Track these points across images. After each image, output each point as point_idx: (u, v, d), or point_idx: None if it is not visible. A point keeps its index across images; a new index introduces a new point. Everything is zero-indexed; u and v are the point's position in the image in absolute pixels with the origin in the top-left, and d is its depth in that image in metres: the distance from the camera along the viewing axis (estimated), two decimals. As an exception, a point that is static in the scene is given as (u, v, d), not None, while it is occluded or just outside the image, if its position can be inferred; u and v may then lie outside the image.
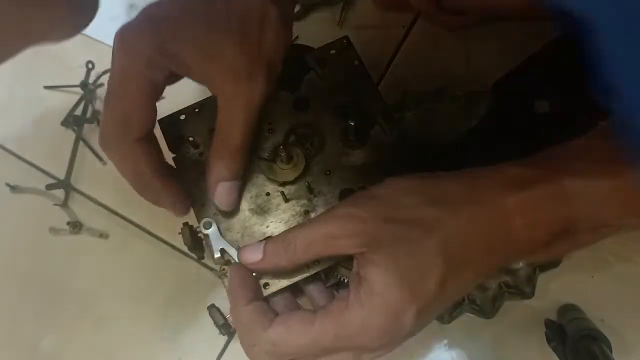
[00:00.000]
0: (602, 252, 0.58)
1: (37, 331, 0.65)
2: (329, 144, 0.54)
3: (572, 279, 0.58)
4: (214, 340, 0.62)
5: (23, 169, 0.70)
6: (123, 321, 0.64)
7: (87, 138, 0.70)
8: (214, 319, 0.59)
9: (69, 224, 0.67)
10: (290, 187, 0.53)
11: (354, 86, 0.55)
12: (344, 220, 0.42)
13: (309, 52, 0.57)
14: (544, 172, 0.43)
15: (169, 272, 0.65)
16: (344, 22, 0.69)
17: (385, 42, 0.68)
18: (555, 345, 0.52)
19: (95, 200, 0.68)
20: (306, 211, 0.52)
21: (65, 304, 0.65)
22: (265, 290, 0.50)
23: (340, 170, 0.53)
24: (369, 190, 0.45)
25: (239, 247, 0.50)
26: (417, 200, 0.42)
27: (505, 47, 0.66)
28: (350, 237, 0.41)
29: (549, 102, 0.58)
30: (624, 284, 0.58)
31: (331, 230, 0.42)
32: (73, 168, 0.69)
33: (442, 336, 0.59)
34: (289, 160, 0.52)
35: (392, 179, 0.44)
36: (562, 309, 0.57)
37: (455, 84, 0.61)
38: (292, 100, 0.55)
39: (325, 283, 0.53)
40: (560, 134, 0.57)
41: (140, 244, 0.66)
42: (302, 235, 0.44)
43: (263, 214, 0.52)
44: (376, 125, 0.54)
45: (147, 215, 0.67)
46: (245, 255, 0.46)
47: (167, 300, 0.64)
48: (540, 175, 0.43)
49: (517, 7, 0.59)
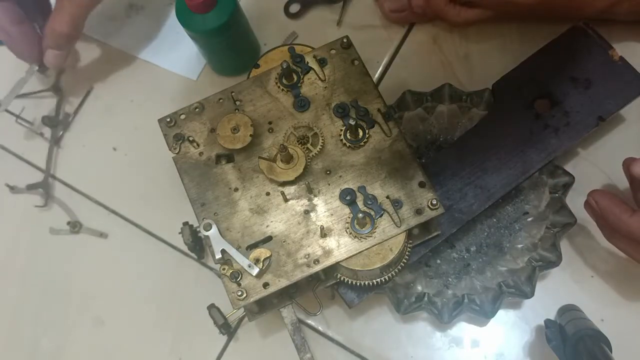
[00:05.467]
0: (602, 252, 0.58)
1: (37, 331, 0.65)
2: (329, 144, 0.54)
3: (572, 279, 0.58)
4: (214, 340, 0.62)
5: (23, 169, 0.70)
6: (123, 321, 0.64)
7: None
8: (214, 319, 0.59)
9: (69, 223, 0.67)
10: (290, 187, 0.53)
11: (354, 86, 0.55)
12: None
13: (309, 52, 0.57)
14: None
15: (169, 272, 0.65)
16: (343, 22, 0.69)
17: (385, 42, 0.68)
18: (555, 345, 0.52)
19: (95, 200, 0.68)
20: (306, 211, 0.52)
21: (65, 303, 0.65)
22: (265, 290, 0.50)
23: (340, 170, 0.53)
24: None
25: (238, 246, 0.50)
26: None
27: (505, 47, 0.66)
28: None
29: (549, 101, 0.58)
30: (624, 284, 0.58)
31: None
32: (50, 169, 0.69)
33: (442, 336, 0.59)
34: (289, 160, 0.52)
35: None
36: (562, 309, 0.57)
37: (455, 84, 0.61)
38: (292, 100, 0.55)
39: (325, 283, 0.54)
40: (560, 133, 0.57)
41: (140, 244, 0.66)
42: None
43: (263, 214, 0.52)
44: (376, 125, 0.54)
45: (147, 215, 0.67)
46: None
47: (167, 300, 0.64)
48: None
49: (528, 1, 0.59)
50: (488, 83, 0.60)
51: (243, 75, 0.63)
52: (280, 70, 0.55)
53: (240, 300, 0.50)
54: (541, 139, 0.57)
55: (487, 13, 0.61)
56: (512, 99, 0.59)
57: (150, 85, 0.71)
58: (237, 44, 0.64)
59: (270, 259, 0.50)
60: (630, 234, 0.51)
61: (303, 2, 0.70)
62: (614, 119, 0.60)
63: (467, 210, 0.56)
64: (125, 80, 0.71)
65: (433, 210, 0.51)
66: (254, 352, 0.62)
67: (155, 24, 0.72)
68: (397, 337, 0.59)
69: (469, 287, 0.57)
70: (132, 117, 0.70)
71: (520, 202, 0.59)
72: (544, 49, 0.60)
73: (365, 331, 0.60)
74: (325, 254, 0.50)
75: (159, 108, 0.58)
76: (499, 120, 0.59)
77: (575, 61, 0.59)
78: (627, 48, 0.61)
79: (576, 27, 0.60)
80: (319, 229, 0.51)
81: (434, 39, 0.68)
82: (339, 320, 0.61)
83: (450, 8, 0.62)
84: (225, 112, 0.55)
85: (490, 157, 0.57)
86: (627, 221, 0.51)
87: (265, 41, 0.69)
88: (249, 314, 0.54)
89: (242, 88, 0.56)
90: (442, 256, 0.59)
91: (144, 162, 0.68)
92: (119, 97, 0.71)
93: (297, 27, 0.70)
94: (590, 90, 0.58)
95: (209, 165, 0.54)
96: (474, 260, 0.58)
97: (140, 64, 0.71)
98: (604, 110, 0.57)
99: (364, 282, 0.52)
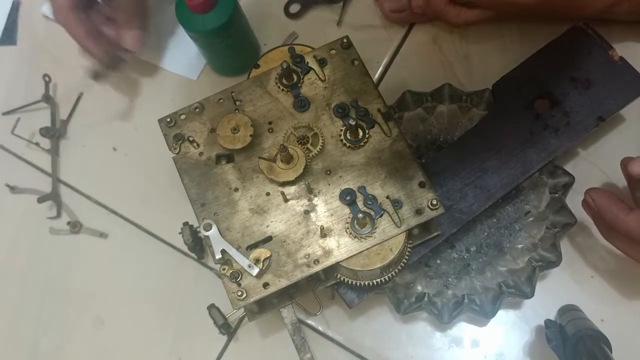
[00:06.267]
0: (602, 252, 0.58)
1: (37, 331, 0.65)
2: (329, 144, 0.54)
3: (572, 279, 0.58)
4: (214, 340, 0.62)
5: (23, 169, 0.70)
6: (123, 321, 0.64)
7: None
8: (214, 319, 0.59)
9: (69, 223, 0.67)
10: (290, 187, 0.53)
11: (354, 86, 0.55)
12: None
13: (309, 52, 0.57)
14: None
15: (169, 272, 0.65)
16: (343, 22, 0.69)
17: (385, 42, 0.68)
18: (555, 345, 0.52)
19: (95, 200, 0.68)
20: (306, 211, 0.52)
21: (65, 303, 0.65)
22: (265, 290, 0.50)
23: (340, 170, 0.53)
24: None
25: (238, 246, 0.50)
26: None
27: (505, 47, 0.66)
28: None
29: (549, 101, 0.58)
30: (624, 284, 0.58)
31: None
32: (58, 180, 0.69)
33: (442, 336, 0.59)
34: (289, 160, 0.52)
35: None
36: (562, 309, 0.57)
37: (455, 84, 0.61)
38: (292, 101, 0.55)
39: (325, 283, 0.54)
40: (560, 133, 0.57)
41: (140, 244, 0.66)
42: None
43: (263, 214, 0.52)
44: (376, 125, 0.54)
45: (147, 215, 0.67)
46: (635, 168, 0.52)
47: (167, 300, 0.64)
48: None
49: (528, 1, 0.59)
50: (488, 83, 0.60)
51: (243, 76, 0.63)
52: (280, 71, 0.55)
53: (240, 300, 0.50)
54: (541, 139, 0.57)
55: (487, 13, 0.61)
56: (512, 99, 0.59)
57: (150, 85, 0.71)
58: (237, 44, 0.64)
59: (270, 259, 0.50)
60: (628, 233, 0.51)
61: (303, 2, 0.70)
62: (614, 119, 0.60)
63: (467, 210, 0.56)
64: (126, 80, 0.71)
65: (433, 210, 0.51)
66: (254, 352, 0.62)
67: (155, 24, 0.72)
68: (397, 337, 0.59)
69: (469, 287, 0.57)
70: (132, 117, 0.70)
71: (521, 202, 0.59)
72: (544, 49, 0.60)
73: (365, 331, 0.60)
74: (325, 254, 0.50)
75: (159, 108, 0.58)
76: (499, 121, 0.59)
77: (575, 61, 0.59)
78: (627, 48, 0.61)
79: (576, 27, 0.60)
80: (319, 229, 0.51)
81: (434, 39, 0.68)
82: (339, 320, 0.61)
83: (450, 8, 0.62)
84: (225, 112, 0.55)
85: (490, 157, 0.57)
86: (624, 219, 0.50)
87: (265, 41, 0.69)
88: (249, 314, 0.54)
89: (242, 88, 0.56)
90: (442, 256, 0.59)
91: (144, 162, 0.68)
92: (118, 97, 0.71)
93: (297, 27, 0.70)
94: (590, 90, 0.58)
95: (209, 165, 0.54)
96: (474, 260, 0.58)
97: (140, 64, 0.71)
98: (604, 110, 0.57)
99: (364, 282, 0.52)
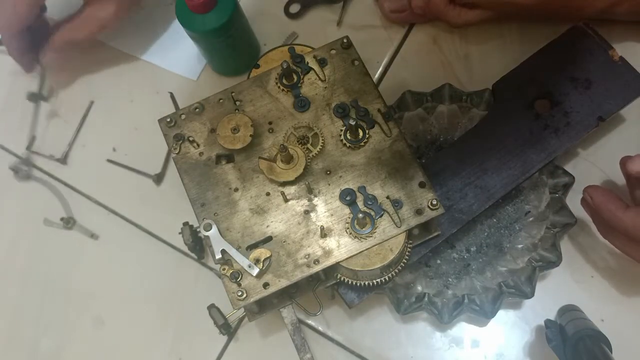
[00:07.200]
0: (602, 252, 0.58)
1: (37, 331, 0.65)
2: (329, 144, 0.54)
3: (572, 278, 0.58)
4: (214, 340, 0.62)
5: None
6: (123, 321, 0.64)
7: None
8: (214, 319, 0.59)
9: (62, 219, 0.67)
10: (290, 187, 0.53)
11: (354, 86, 0.55)
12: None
13: (309, 52, 0.57)
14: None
15: (169, 272, 0.65)
16: (343, 22, 0.69)
17: (385, 42, 0.68)
18: (555, 345, 0.52)
19: (95, 200, 0.68)
20: (306, 211, 0.52)
21: (65, 303, 0.65)
22: (265, 290, 0.50)
23: (340, 170, 0.53)
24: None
25: (238, 246, 0.50)
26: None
27: (505, 47, 0.66)
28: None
29: (549, 102, 0.58)
30: (624, 284, 0.58)
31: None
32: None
33: (442, 336, 0.59)
34: (289, 160, 0.52)
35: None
36: (562, 309, 0.57)
37: (455, 84, 0.61)
38: (292, 101, 0.55)
39: (325, 283, 0.54)
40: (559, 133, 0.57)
41: (140, 244, 0.66)
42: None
43: (263, 214, 0.52)
44: (376, 126, 0.54)
45: (147, 215, 0.67)
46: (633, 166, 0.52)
47: (167, 300, 0.64)
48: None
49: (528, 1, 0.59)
50: (488, 83, 0.60)
51: (243, 76, 0.64)
52: (281, 71, 0.55)
53: (240, 301, 0.50)
54: (541, 139, 0.57)
55: (487, 14, 0.61)
56: (512, 99, 0.59)
57: (150, 85, 0.71)
58: (237, 44, 0.64)
59: (270, 259, 0.50)
60: (625, 231, 0.51)
61: (303, 2, 0.70)
62: (614, 119, 0.60)
63: (467, 210, 0.56)
64: (125, 80, 0.71)
65: (433, 210, 0.51)
66: (254, 352, 0.62)
67: (155, 24, 0.72)
68: (397, 337, 0.59)
69: (469, 287, 0.57)
70: (132, 117, 0.70)
71: (521, 202, 0.59)
72: (544, 49, 0.60)
73: (365, 331, 0.60)
74: (326, 254, 0.50)
75: (159, 108, 0.58)
76: (499, 121, 0.59)
77: (575, 61, 0.59)
78: (627, 48, 0.61)
79: (576, 27, 0.60)
80: (319, 229, 0.51)
81: (434, 39, 0.68)
82: (339, 320, 0.61)
83: (450, 9, 0.62)
84: (226, 112, 0.55)
85: (490, 157, 0.57)
86: (622, 217, 0.51)
87: (265, 41, 0.69)
88: (249, 314, 0.54)
89: (242, 88, 0.56)
90: (442, 256, 0.59)
91: (144, 162, 0.68)
92: (119, 97, 0.71)
93: (297, 27, 0.70)
94: (590, 90, 0.58)
95: (209, 165, 0.54)
96: (474, 260, 0.58)
97: (140, 64, 0.71)
98: (604, 110, 0.57)
99: (364, 282, 0.52)
